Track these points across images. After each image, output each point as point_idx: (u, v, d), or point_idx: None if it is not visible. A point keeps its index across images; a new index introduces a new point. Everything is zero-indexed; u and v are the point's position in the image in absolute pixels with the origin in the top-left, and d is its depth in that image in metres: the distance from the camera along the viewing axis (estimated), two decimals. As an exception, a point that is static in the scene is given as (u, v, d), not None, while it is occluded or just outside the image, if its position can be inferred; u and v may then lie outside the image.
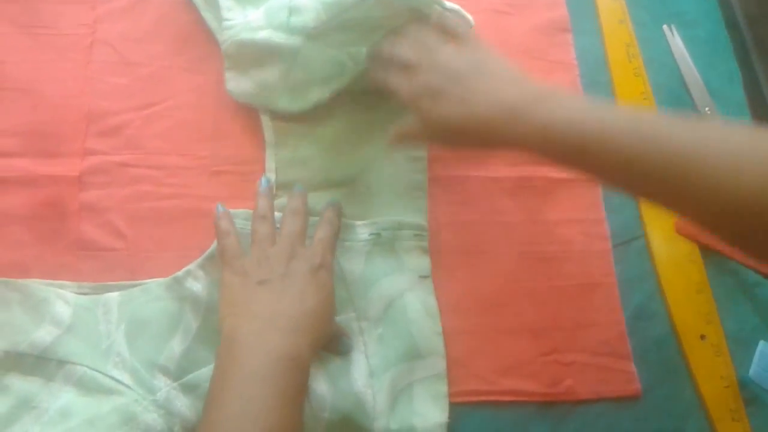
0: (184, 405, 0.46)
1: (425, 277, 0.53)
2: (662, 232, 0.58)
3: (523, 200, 0.58)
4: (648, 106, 0.63)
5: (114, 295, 0.49)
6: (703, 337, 0.55)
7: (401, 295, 0.52)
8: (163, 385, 0.46)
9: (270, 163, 0.55)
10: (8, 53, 0.55)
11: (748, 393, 0.55)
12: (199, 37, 0.58)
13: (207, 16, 0.57)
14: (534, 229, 0.57)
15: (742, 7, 0.70)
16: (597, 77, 0.64)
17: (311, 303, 0.45)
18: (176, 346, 0.48)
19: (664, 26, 0.68)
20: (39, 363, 0.46)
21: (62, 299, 0.48)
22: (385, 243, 0.53)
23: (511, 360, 0.53)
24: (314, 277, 0.46)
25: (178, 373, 0.47)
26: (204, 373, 0.46)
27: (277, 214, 0.51)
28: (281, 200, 0.54)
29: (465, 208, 0.57)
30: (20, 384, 0.46)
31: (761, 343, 0.55)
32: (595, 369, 0.53)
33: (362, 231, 0.53)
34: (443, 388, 0.50)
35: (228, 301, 0.46)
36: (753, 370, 0.55)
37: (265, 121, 0.55)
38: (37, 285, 0.49)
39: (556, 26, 0.66)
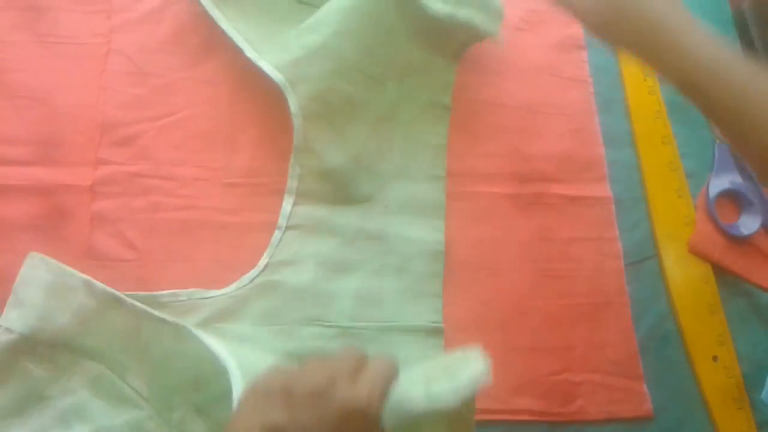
0: (199, 430, 0.45)
1: None
2: (676, 252, 0.58)
3: (536, 217, 0.58)
4: (661, 125, 0.63)
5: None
6: (715, 358, 0.55)
7: None
8: (181, 403, 0.46)
9: (294, 169, 0.54)
10: (23, 62, 0.55)
11: (760, 416, 0.54)
12: (215, 48, 0.58)
13: (225, 26, 0.57)
14: (547, 246, 0.57)
15: (756, 25, 0.69)
16: (611, 94, 0.64)
17: None
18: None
19: (679, 45, 0.68)
20: (56, 353, 0.46)
21: (91, 290, 0.47)
22: None
23: (523, 379, 0.52)
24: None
25: (196, 395, 0.46)
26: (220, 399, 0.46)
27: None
28: (303, 208, 0.54)
29: (478, 224, 0.57)
30: (34, 371, 0.45)
31: None
32: (607, 389, 0.53)
33: None
34: None
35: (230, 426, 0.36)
36: (765, 393, 0.54)
37: (297, 123, 0.54)
38: (70, 271, 0.47)
39: (571, 43, 0.65)
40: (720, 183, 0.61)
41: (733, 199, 0.61)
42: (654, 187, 0.60)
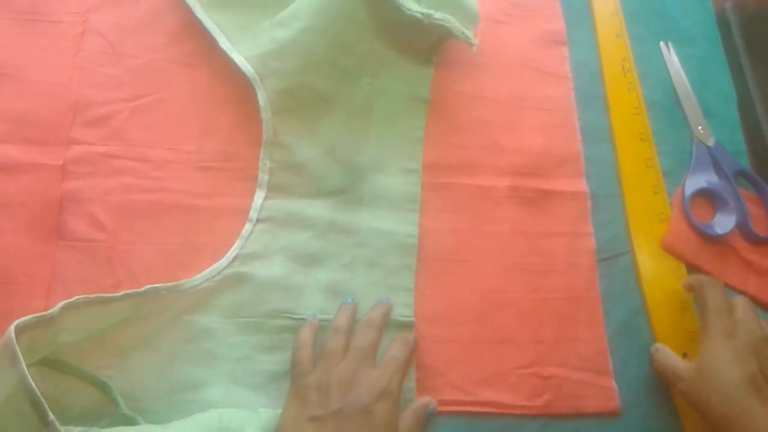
0: None
1: None
2: (649, 248, 0.58)
3: (511, 211, 0.58)
4: (640, 121, 0.63)
5: None
6: (685, 355, 0.54)
7: None
8: None
9: (265, 163, 0.54)
10: (-2, 38, 0.55)
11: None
12: (192, 31, 0.57)
13: (200, 15, 0.56)
14: (521, 240, 0.57)
15: (739, 28, 0.69)
16: (591, 90, 0.64)
17: None
18: None
19: (661, 43, 0.68)
20: None
21: None
22: None
23: (490, 371, 0.52)
24: (369, 416, 0.43)
25: None
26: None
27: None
28: (274, 202, 0.53)
29: (451, 215, 0.57)
30: None
31: None
32: (575, 384, 0.53)
33: None
34: None
35: (279, 426, 0.45)
36: None
37: (265, 116, 0.54)
38: None
39: (553, 38, 0.65)
40: (696, 182, 0.61)
41: (709, 198, 0.61)
42: (630, 184, 0.60)
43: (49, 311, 0.41)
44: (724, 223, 0.59)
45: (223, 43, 0.55)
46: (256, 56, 0.54)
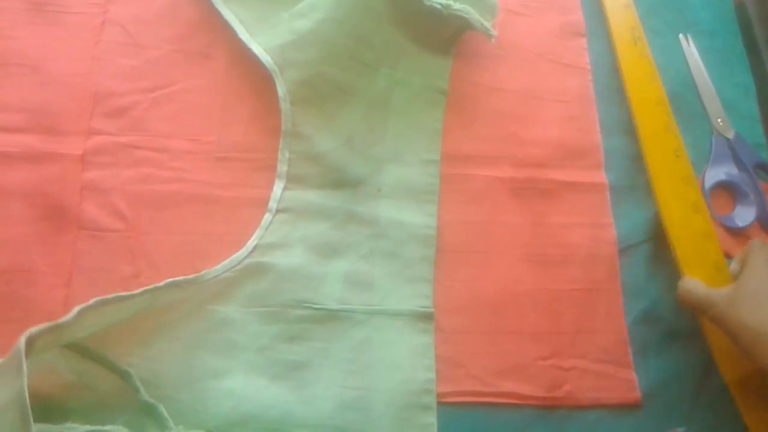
0: None
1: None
2: (687, 238, 0.56)
3: (529, 202, 0.58)
4: (663, 113, 0.61)
5: None
6: None
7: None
8: None
9: (284, 154, 0.54)
10: (18, 29, 0.55)
11: None
12: (211, 22, 0.57)
13: (219, 6, 0.57)
14: (539, 231, 0.56)
15: (758, 19, 0.69)
16: (610, 82, 0.64)
17: None
18: None
19: (680, 35, 0.67)
20: None
21: None
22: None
23: (510, 362, 0.52)
24: None
25: None
26: None
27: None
28: (293, 192, 0.53)
29: (469, 207, 0.56)
30: None
31: None
32: (595, 375, 0.52)
33: None
34: None
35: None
36: None
37: (284, 107, 0.54)
38: None
39: (571, 30, 0.65)
40: (716, 174, 0.60)
41: (729, 190, 0.61)
42: (660, 175, 0.58)
43: (65, 318, 0.40)
44: (744, 215, 0.59)
45: (242, 33, 0.55)
46: (275, 47, 0.54)
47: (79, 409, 0.44)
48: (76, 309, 0.41)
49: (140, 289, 0.45)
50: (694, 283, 0.52)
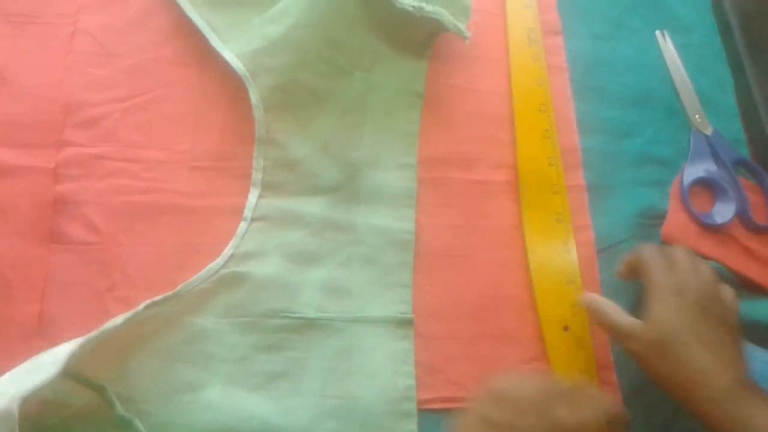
0: None
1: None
2: (539, 220, 0.57)
3: (508, 204, 0.57)
4: (541, 92, 0.61)
5: None
6: (566, 328, 0.53)
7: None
8: None
9: (258, 161, 0.53)
10: (-13, 41, 0.54)
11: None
12: (183, 29, 0.57)
13: (191, 14, 0.56)
14: (518, 234, 0.56)
15: (735, 15, 0.69)
16: (587, 81, 0.63)
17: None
18: None
19: (657, 32, 0.67)
20: None
21: None
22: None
23: (491, 367, 0.52)
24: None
25: None
26: None
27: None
28: (269, 200, 0.53)
29: (448, 210, 0.56)
30: None
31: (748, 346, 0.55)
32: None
33: None
34: None
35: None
36: None
37: (258, 114, 0.53)
38: None
39: (547, 29, 0.65)
40: (694, 171, 0.60)
41: (708, 187, 0.61)
42: (529, 180, 0.58)
43: (51, 375, 0.38)
44: (723, 212, 0.59)
45: (214, 41, 0.55)
46: (247, 53, 0.54)
47: (55, 425, 0.43)
48: (59, 365, 0.39)
49: (121, 319, 0.44)
50: (602, 306, 0.49)
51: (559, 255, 0.56)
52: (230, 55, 0.54)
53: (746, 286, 0.57)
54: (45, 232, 0.50)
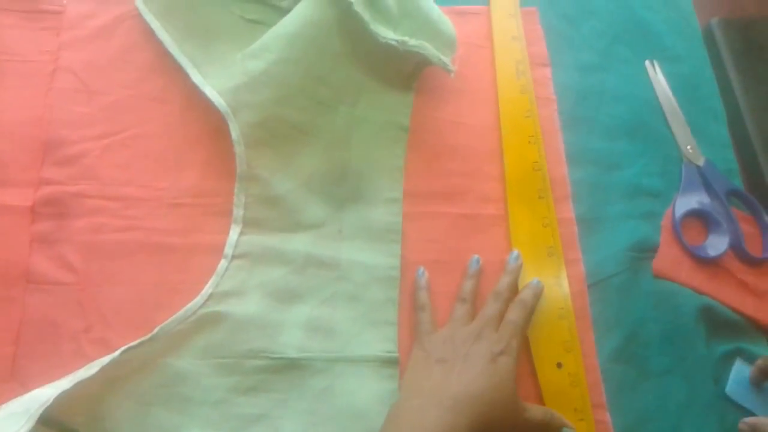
0: None
1: None
2: (531, 252, 0.56)
3: (496, 239, 0.56)
4: (530, 124, 0.61)
5: None
6: (560, 365, 0.52)
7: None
8: None
9: (240, 198, 0.53)
10: (-32, 79, 0.54)
11: None
12: (164, 65, 0.57)
13: (172, 50, 0.56)
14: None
15: (726, 44, 0.68)
16: (576, 112, 0.63)
17: (478, 386, 0.45)
18: None
19: (647, 62, 0.66)
20: None
21: None
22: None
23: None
24: (493, 363, 0.47)
25: None
26: None
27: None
28: (250, 237, 0.52)
29: (434, 246, 0.55)
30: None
31: (737, 361, 0.54)
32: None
33: None
34: None
35: (407, 376, 0.49)
36: (729, 387, 0.53)
37: (239, 150, 0.53)
38: None
39: (535, 61, 0.64)
40: (687, 203, 0.59)
41: (701, 219, 0.60)
42: (519, 217, 0.57)
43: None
44: (716, 244, 0.58)
45: (195, 76, 0.54)
46: (229, 89, 0.53)
47: None
48: (34, 414, 0.39)
49: (96, 367, 0.43)
50: None
51: (551, 289, 0.54)
52: (211, 90, 0.53)
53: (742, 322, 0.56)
54: (20, 272, 0.49)
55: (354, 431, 0.48)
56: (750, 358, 0.55)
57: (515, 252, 0.54)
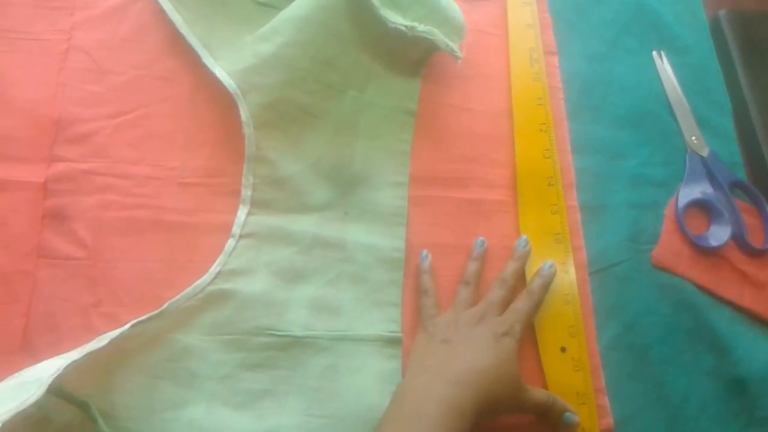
0: None
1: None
2: (538, 240, 0.56)
3: (500, 224, 0.57)
4: (542, 111, 0.61)
5: None
6: (563, 349, 0.53)
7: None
8: None
9: (248, 178, 0.53)
10: (-18, 56, 0.55)
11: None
12: (176, 46, 0.57)
13: (183, 31, 0.56)
14: (509, 254, 0.55)
15: (733, 35, 0.69)
16: (582, 101, 0.63)
17: (481, 364, 0.46)
18: None
19: (654, 52, 0.67)
20: None
21: None
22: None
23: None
24: (496, 343, 0.48)
25: None
26: None
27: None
28: (258, 217, 0.53)
29: (438, 230, 0.56)
30: None
31: None
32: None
33: None
34: None
35: (412, 357, 0.50)
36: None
37: (248, 132, 0.53)
38: None
39: (543, 49, 0.64)
40: (690, 193, 0.60)
41: (703, 209, 0.60)
42: (529, 202, 0.58)
43: (34, 399, 0.39)
44: (718, 234, 0.58)
45: (206, 58, 0.55)
46: (238, 71, 0.54)
47: None
48: (45, 382, 0.40)
49: (106, 340, 0.44)
50: None
51: (557, 275, 0.55)
52: (221, 72, 0.54)
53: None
54: (33, 247, 0.50)
55: (356, 408, 0.49)
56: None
57: (524, 238, 0.55)
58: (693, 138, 0.63)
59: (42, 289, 0.49)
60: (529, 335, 0.53)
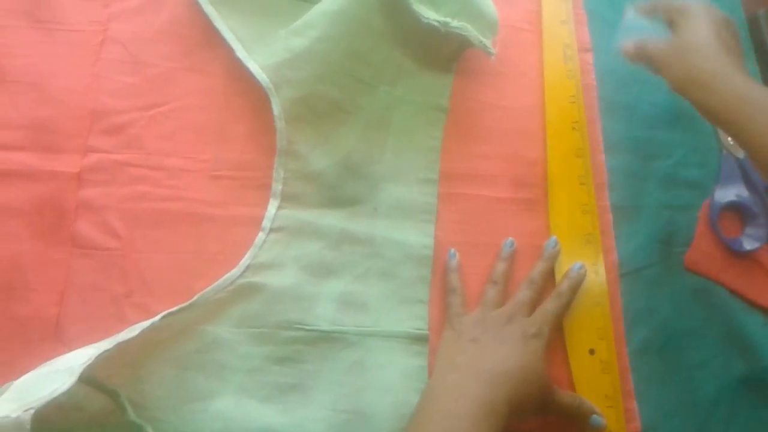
0: None
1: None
2: (569, 240, 0.56)
3: (530, 223, 0.56)
4: (574, 109, 0.61)
5: None
6: (592, 351, 0.52)
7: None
8: None
9: (279, 172, 0.54)
10: (18, 46, 0.55)
11: None
12: (211, 39, 0.57)
13: (218, 25, 0.56)
14: (539, 254, 0.55)
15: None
16: (616, 99, 0.62)
17: (511, 364, 0.46)
18: None
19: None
20: None
21: None
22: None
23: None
24: (524, 344, 0.48)
25: None
26: None
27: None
28: (288, 211, 0.53)
29: (467, 227, 0.56)
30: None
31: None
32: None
33: None
34: None
35: (439, 355, 0.50)
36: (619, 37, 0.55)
37: (279, 126, 0.54)
38: None
39: (577, 46, 0.64)
40: (725, 195, 0.59)
41: (738, 212, 0.59)
42: (559, 201, 0.58)
43: (65, 387, 0.39)
44: (753, 238, 0.57)
45: (240, 52, 0.55)
46: (272, 65, 0.54)
47: (68, 429, 0.44)
48: (76, 371, 0.40)
49: (137, 330, 0.45)
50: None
51: (587, 277, 0.54)
52: (255, 66, 0.54)
53: None
54: (66, 237, 0.51)
55: (382, 404, 0.49)
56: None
57: (553, 238, 0.55)
58: (729, 139, 0.61)
59: (75, 278, 0.50)
60: (557, 336, 0.52)
